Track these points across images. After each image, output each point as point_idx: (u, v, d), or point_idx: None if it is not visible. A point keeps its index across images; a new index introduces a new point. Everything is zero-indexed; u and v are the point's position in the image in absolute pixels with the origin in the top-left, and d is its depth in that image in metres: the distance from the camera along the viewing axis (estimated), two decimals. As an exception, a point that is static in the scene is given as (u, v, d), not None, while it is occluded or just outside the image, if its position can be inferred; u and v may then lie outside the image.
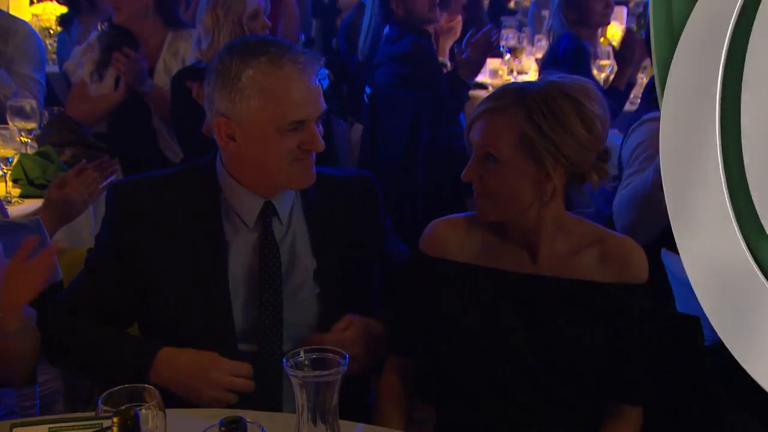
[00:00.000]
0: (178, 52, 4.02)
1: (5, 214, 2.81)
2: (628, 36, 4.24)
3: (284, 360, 1.43)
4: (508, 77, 5.18)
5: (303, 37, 5.83)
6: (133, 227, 1.98)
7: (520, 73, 5.28)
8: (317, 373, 1.43)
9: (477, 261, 1.92)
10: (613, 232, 1.96)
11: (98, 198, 3.37)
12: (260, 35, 2.07)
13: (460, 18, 4.86)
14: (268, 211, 2.00)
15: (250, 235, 2.01)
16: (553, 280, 1.89)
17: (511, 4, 7.86)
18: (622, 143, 3.02)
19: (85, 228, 3.30)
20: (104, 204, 3.38)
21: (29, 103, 3.49)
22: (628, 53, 4.17)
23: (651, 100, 3.05)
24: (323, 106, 1.97)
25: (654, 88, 3.51)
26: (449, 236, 1.95)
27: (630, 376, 1.91)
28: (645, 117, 2.89)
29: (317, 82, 1.96)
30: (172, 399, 1.81)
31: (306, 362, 1.45)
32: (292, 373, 1.41)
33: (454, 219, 1.99)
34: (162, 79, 3.95)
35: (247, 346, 1.99)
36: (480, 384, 1.92)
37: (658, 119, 2.70)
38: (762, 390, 2.14)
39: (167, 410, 1.49)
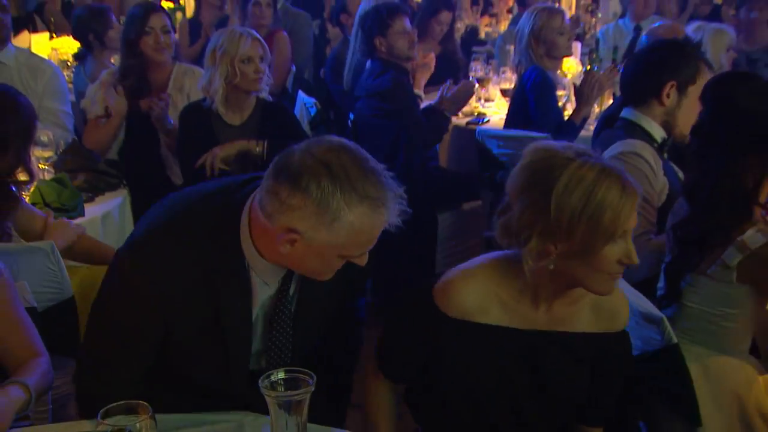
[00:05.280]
0: (183, 87, 4.05)
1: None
2: (588, 77, 4.28)
3: (259, 381, 1.48)
4: (477, 104, 5.23)
5: (294, 68, 5.85)
6: (164, 308, 1.80)
7: (487, 100, 5.34)
8: (290, 392, 1.48)
9: (489, 319, 1.84)
10: None
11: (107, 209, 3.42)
12: (358, 159, 1.71)
13: (433, 55, 4.90)
14: (288, 275, 1.89)
15: (269, 290, 1.89)
16: (553, 335, 1.86)
17: (482, 35, 7.89)
18: None
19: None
20: (113, 222, 3.43)
21: (47, 134, 3.54)
22: (588, 92, 4.16)
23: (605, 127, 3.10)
24: None
25: (610, 118, 3.46)
26: (468, 300, 1.83)
27: (603, 406, 1.99)
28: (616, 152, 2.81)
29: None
30: None
31: (279, 382, 1.50)
32: (266, 393, 1.46)
33: (474, 281, 1.85)
34: (170, 114, 3.94)
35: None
36: (468, 416, 1.92)
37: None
38: (684, 392, 2.21)
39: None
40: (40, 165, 3.42)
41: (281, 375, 1.51)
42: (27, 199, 3.20)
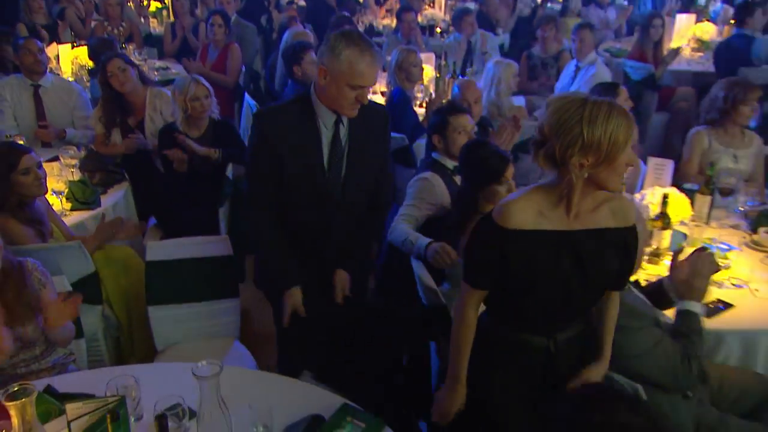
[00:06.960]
0: (156, 107, 4.04)
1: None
2: (432, 98, 4.54)
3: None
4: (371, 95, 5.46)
5: (244, 67, 5.93)
6: (274, 137, 2.31)
7: (374, 93, 5.54)
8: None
9: (537, 226, 1.82)
10: (613, 194, 1.89)
11: (116, 199, 3.73)
12: (355, 32, 2.26)
13: None
14: (337, 121, 2.34)
15: (329, 133, 2.35)
16: (586, 231, 1.85)
17: (380, 27, 7.98)
18: None
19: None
20: (120, 206, 3.71)
21: (73, 148, 3.74)
22: (430, 105, 4.37)
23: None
24: (376, 81, 2.29)
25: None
26: (520, 214, 1.81)
27: (625, 276, 2.01)
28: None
29: (378, 65, 2.25)
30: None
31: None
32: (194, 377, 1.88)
33: (519, 202, 1.83)
34: (149, 128, 4.01)
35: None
36: (530, 301, 1.91)
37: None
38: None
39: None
40: (71, 170, 3.64)
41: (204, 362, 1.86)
42: (63, 198, 3.43)
